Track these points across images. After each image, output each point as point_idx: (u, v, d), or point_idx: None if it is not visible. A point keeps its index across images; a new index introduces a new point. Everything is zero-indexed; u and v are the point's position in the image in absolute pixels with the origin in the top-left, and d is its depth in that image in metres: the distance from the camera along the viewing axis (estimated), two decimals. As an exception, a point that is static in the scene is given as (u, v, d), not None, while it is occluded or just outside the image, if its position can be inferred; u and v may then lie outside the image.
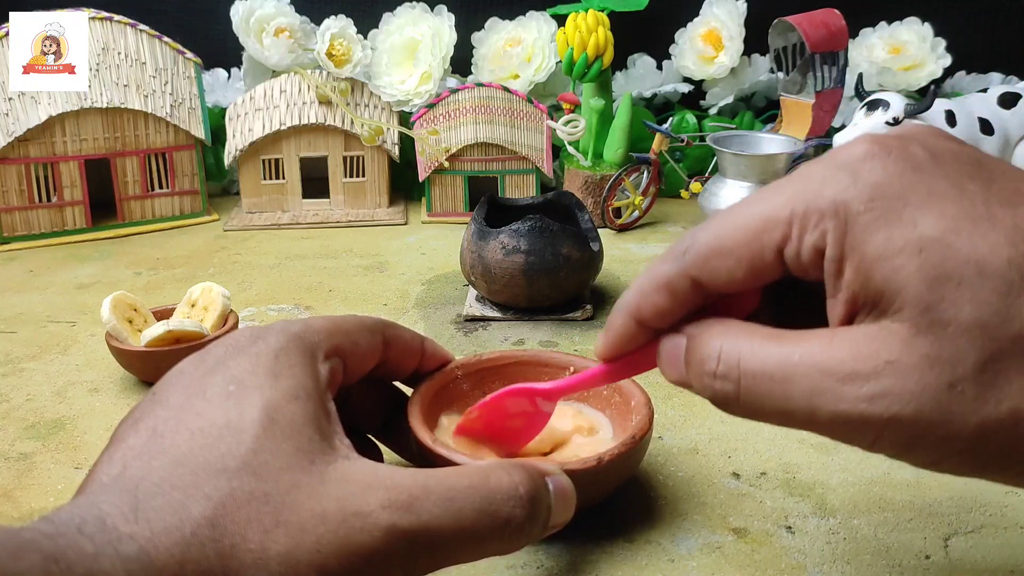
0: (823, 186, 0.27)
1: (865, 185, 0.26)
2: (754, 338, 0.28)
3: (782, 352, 0.27)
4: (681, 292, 0.30)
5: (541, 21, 0.94)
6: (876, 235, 0.26)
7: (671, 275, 0.30)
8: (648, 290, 0.31)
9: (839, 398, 0.26)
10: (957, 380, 0.24)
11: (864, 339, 0.26)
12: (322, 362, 0.34)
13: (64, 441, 0.50)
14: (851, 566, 0.39)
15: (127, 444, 0.30)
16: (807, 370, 0.26)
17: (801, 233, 0.27)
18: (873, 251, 0.26)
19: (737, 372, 0.28)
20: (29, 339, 0.63)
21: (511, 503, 0.31)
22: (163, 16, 0.95)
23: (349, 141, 0.89)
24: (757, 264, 0.28)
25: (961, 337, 0.24)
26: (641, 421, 0.42)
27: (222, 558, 0.27)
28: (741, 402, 0.28)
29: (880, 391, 0.25)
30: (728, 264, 0.29)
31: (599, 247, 0.66)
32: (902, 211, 0.26)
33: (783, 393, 0.27)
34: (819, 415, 0.26)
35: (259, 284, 0.73)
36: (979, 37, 1.04)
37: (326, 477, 0.29)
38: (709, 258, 0.29)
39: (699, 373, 0.30)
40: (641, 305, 0.31)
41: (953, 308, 0.24)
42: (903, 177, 0.26)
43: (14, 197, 0.81)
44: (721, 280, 0.29)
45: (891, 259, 0.25)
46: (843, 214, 0.26)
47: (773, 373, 0.27)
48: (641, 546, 0.41)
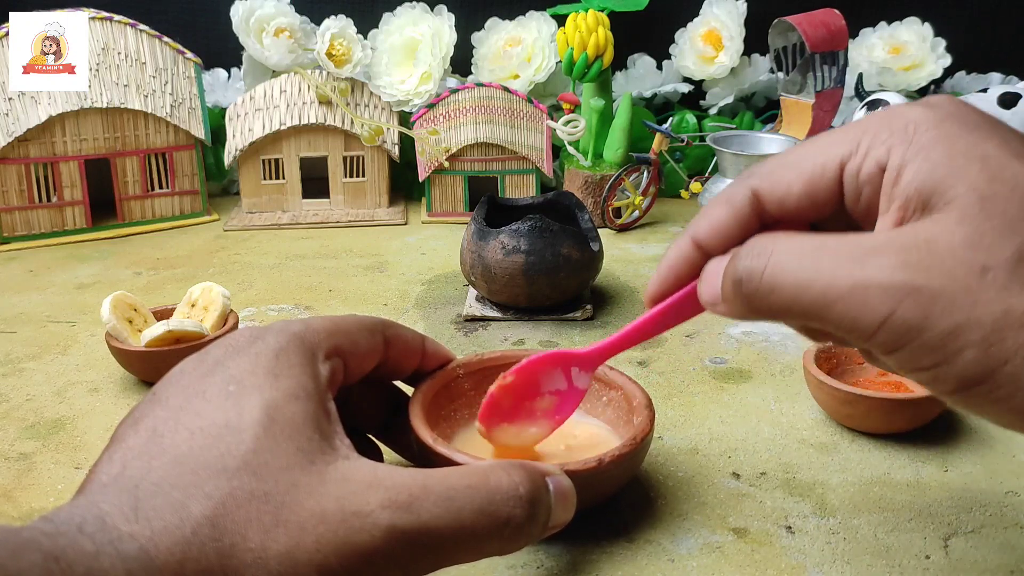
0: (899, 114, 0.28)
1: (938, 111, 0.28)
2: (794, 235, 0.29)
3: (819, 238, 0.28)
4: (739, 204, 0.31)
5: (541, 21, 0.94)
6: (943, 143, 0.27)
7: (734, 189, 0.31)
8: (708, 207, 0.32)
9: (864, 266, 0.26)
10: (991, 265, 0.25)
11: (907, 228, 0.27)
12: (322, 362, 0.34)
13: (64, 441, 0.50)
14: (851, 566, 0.39)
15: (127, 444, 0.30)
16: (840, 247, 0.27)
17: (868, 149, 0.28)
18: (937, 154, 0.27)
19: (770, 249, 0.28)
20: (29, 339, 0.63)
21: (511, 503, 0.31)
22: (163, 16, 0.95)
23: (349, 141, 0.89)
24: (816, 179, 0.29)
25: (1005, 228, 0.25)
26: (642, 422, 0.42)
27: (222, 557, 0.27)
28: (764, 277, 0.28)
29: (910, 261, 0.25)
30: (789, 176, 0.30)
31: (599, 247, 0.66)
32: (969, 134, 0.27)
33: (809, 265, 0.27)
34: (837, 283, 0.26)
35: (259, 284, 0.73)
36: (979, 37, 1.04)
37: (326, 477, 0.29)
38: (773, 170, 0.30)
39: (734, 262, 0.30)
40: (699, 223, 0.32)
41: (1003, 204, 0.25)
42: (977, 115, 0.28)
43: (14, 197, 0.81)
44: (779, 192, 0.30)
45: (954, 159, 0.26)
46: (913, 130, 0.28)
47: (804, 249, 0.28)
48: (641, 546, 0.41)
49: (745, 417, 0.52)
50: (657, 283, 0.34)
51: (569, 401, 0.41)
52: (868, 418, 0.48)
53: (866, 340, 0.26)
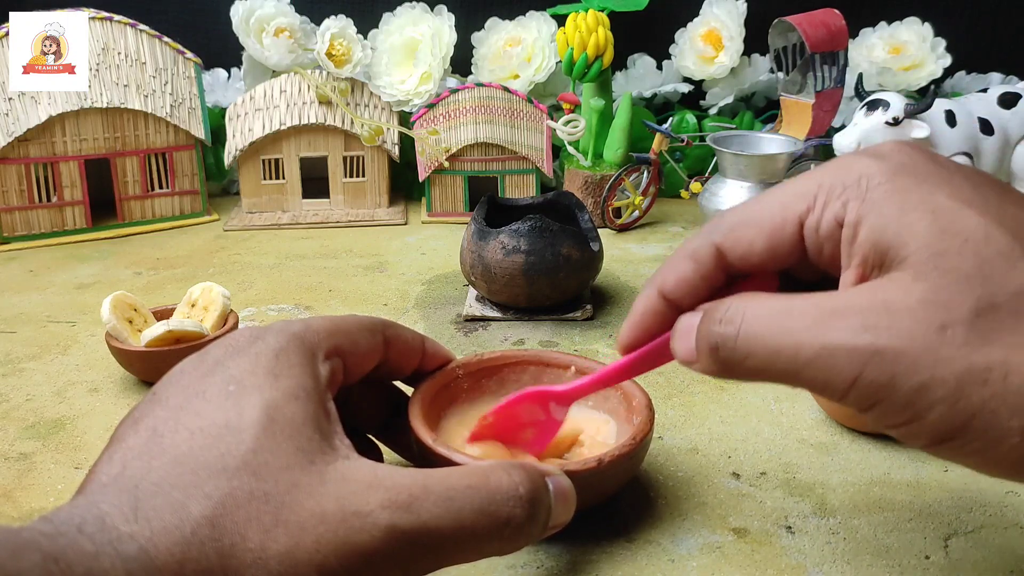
0: (851, 167, 0.29)
1: (890, 164, 0.28)
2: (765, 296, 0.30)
3: (787, 301, 0.29)
4: (704, 260, 0.31)
5: (541, 21, 0.94)
6: (894, 198, 0.27)
7: (696, 244, 0.32)
8: (673, 260, 0.32)
9: (829, 329, 0.27)
10: (950, 323, 0.25)
11: (866, 287, 0.27)
12: (322, 362, 0.34)
13: (64, 441, 0.50)
14: (851, 566, 0.39)
15: (127, 444, 0.30)
16: (806, 309, 0.28)
17: (824, 204, 0.29)
18: (889, 210, 0.27)
19: (741, 316, 0.29)
20: (29, 339, 0.63)
21: (511, 503, 0.31)
22: (163, 16, 0.95)
23: (349, 141, 0.89)
24: (777, 236, 0.30)
25: (960, 284, 0.25)
26: (642, 422, 0.42)
27: (222, 557, 0.27)
28: (738, 342, 0.29)
29: (870, 323, 0.26)
30: (750, 233, 0.30)
31: (599, 247, 0.66)
32: (921, 185, 0.27)
33: (778, 329, 0.28)
34: (805, 348, 0.27)
35: (259, 284, 0.73)
36: (979, 37, 1.04)
37: (326, 477, 0.29)
38: (735, 227, 0.31)
39: (707, 325, 0.30)
40: (665, 275, 0.32)
41: (957, 258, 0.26)
42: (927, 165, 0.28)
43: (14, 197, 0.81)
44: (741, 249, 0.31)
45: (904, 216, 0.27)
46: (865, 185, 0.28)
47: (773, 315, 0.28)
48: (641, 546, 0.41)
49: (745, 417, 0.52)
50: (629, 333, 0.34)
51: (548, 431, 0.42)
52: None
53: (840, 399, 0.27)
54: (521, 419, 0.41)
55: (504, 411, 0.41)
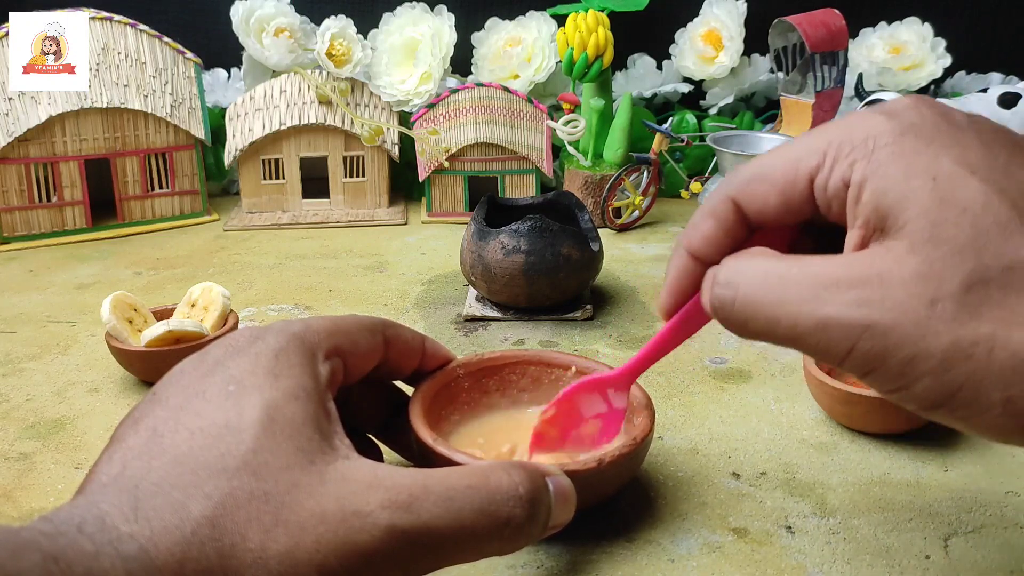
0: (861, 125, 0.29)
1: (899, 123, 0.28)
2: (764, 256, 0.30)
3: (782, 266, 0.29)
4: (724, 216, 0.32)
5: (541, 21, 0.94)
6: (897, 162, 0.27)
7: (716, 201, 0.32)
8: (696, 219, 0.33)
9: (824, 302, 0.27)
10: (940, 297, 0.25)
11: (863, 256, 0.27)
12: (322, 362, 0.34)
13: (64, 441, 0.50)
14: (851, 566, 0.39)
15: (127, 444, 0.30)
16: (800, 278, 0.28)
17: (833, 163, 0.29)
18: (892, 174, 0.27)
19: (739, 280, 0.29)
20: (29, 339, 0.63)
21: (511, 503, 0.31)
22: (163, 16, 0.95)
23: (349, 141, 0.89)
24: (790, 192, 0.30)
25: (953, 257, 0.25)
26: (642, 423, 0.42)
27: (222, 557, 0.27)
28: (736, 308, 0.29)
29: (864, 298, 0.26)
30: (764, 188, 0.31)
31: (599, 247, 0.66)
32: (927, 148, 0.27)
33: (775, 299, 0.28)
34: (802, 320, 0.27)
35: (259, 284, 0.73)
36: (979, 37, 1.04)
37: (326, 477, 0.29)
38: (749, 182, 0.31)
39: (710, 285, 0.31)
40: (690, 235, 0.33)
41: (953, 229, 0.26)
42: (936, 125, 0.28)
43: (14, 197, 0.81)
44: (757, 204, 0.31)
45: (906, 181, 0.27)
46: (871, 145, 0.28)
47: (770, 282, 0.29)
48: (641, 546, 0.41)
49: (745, 417, 0.52)
50: (667, 297, 0.35)
51: (613, 421, 0.42)
52: (868, 418, 0.48)
53: (839, 366, 0.28)
54: (582, 413, 0.41)
55: (563, 404, 0.41)
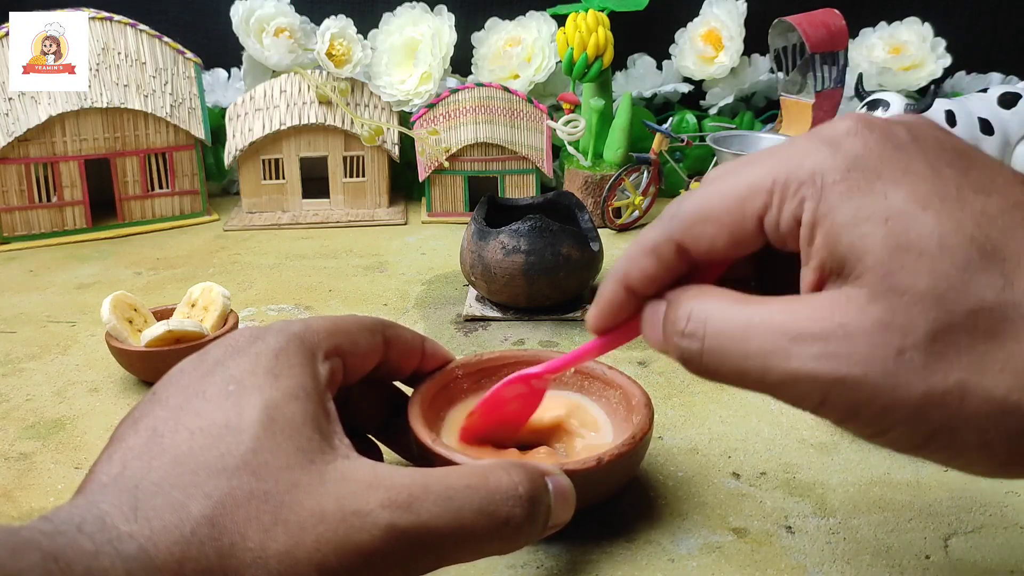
0: (804, 157, 0.28)
1: (844, 157, 0.27)
2: (723, 301, 0.29)
3: (745, 314, 0.28)
4: (666, 256, 0.31)
5: (541, 21, 0.94)
6: (847, 203, 0.26)
7: (657, 240, 0.31)
8: (636, 255, 0.32)
9: (789, 356, 0.26)
10: (906, 347, 0.25)
11: (823, 303, 0.26)
12: (322, 362, 0.34)
13: (64, 441, 0.50)
14: (851, 566, 0.39)
15: (127, 444, 0.30)
16: (764, 330, 0.27)
17: (781, 202, 0.28)
18: (842, 218, 0.26)
19: (703, 331, 0.29)
20: (29, 339, 0.63)
21: (510, 503, 0.31)
22: (163, 16, 0.95)
23: (349, 141, 0.89)
24: (738, 232, 0.29)
25: (915, 306, 0.25)
26: (641, 421, 0.42)
27: (221, 557, 0.27)
28: (704, 360, 0.29)
29: (829, 351, 0.26)
30: (711, 231, 0.29)
31: (599, 247, 0.66)
32: (875, 183, 0.26)
33: (741, 352, 0.27)
34: (770, 374, 0.27)
35: (259, 284, 0.73)
36: (979, 37, 1.04)
37: (325, 476, 0.29)
38: (694, 224, 0.30)
39: (671, 333, 0.30)
40: (629, 270, 0.32)
41: (911, 277, 0.25)
42: (882, 153, 0.27)
43: (14, 197, 0.81)
44: (704, 246, 0.30)
45: (858, 226, 0.26)
46: (819, 183, 0.27)
47: (734, 333, 0.28)
48: (641, 546, 0.41)
49: (745, 417, 0.52)
50: (598, 320, 0.34)
51: (532, 400, 0.43)
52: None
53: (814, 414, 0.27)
54: (504, 397, 0.42)
55: (487, 402, 0.42)
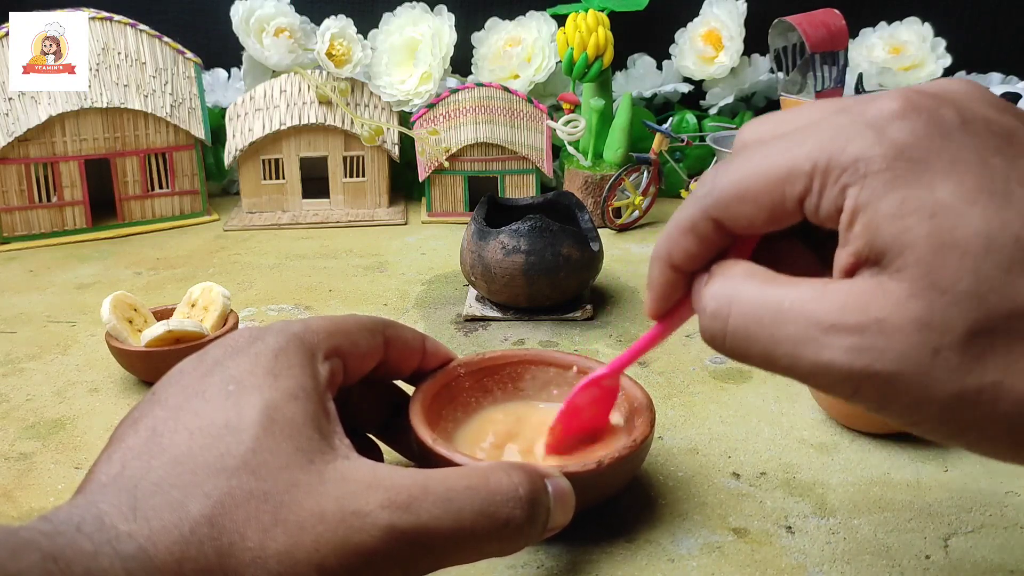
0: (848, 141, 0.27)
1: (890, 145, 0.26)
2: (752, 281, 0.28)
3: (774, 296, 0.27)
4: (705, 234, 0.30)
5: (541, 21, 0.94)
6: (892, 194, 0.26)
7: (695, 218, 0.30)
8: (675, 235, 0.31)
9: (821, 347, 0.26)
10: (943, 347, 0.24)
11: (858, 293, 0.26)
12: (322, 362, 0.34)
13: (64, 441, 0.50)
14: (851, 566, 0.39)
15: (126, 444, 0.30)
16: (795, 317, 0.27)
17: (822, 188, 0.27)
18: (886, 208, 0.26)
19: (727, 311, 0.28)
20: (29, 339, 0.63)
21: (510, 504, 0.31)
22: (163, 16, 0.95)
23: (349, 141, 0.89)
24: (778, 212, 0.28)
25: (956, 306, 0.24)
26: (642, 424, 0.42)
27: (221, 556, 0.27)
28: (727, 342, 0.28)
29: (864, 345, 0.25)
30: (749, 210, 0.29)
31: (599, 247, 0.66)
32: (922, 174, 0.26)
33: (769, 337, 0.27)
34: (801, 363, 0.26)
35: (259, 284, 0.73)
36: (979, 37, 1.04)
37: (325, 476, 0.29)
38: (731, 202, 0.29)
39: (699, 311, 0.30)
40: (671, 250, 0.32)
41: (953, 276, 0.24)
42: (929, 141, 0.26)
43: (14, 197, 0.81)
44: (743, 224, 0.29)
45: (902, 218, 0.25)
46: (863, 171, 0.26)
47: (761, 317, 0.27)
48: (641, 546, 0.41)
49: (745, 417, 0.52)
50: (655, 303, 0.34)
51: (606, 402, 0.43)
52: (868, 418, 0.48)
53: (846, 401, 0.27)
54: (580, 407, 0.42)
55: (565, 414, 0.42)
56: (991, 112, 0.27)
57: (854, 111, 0.28)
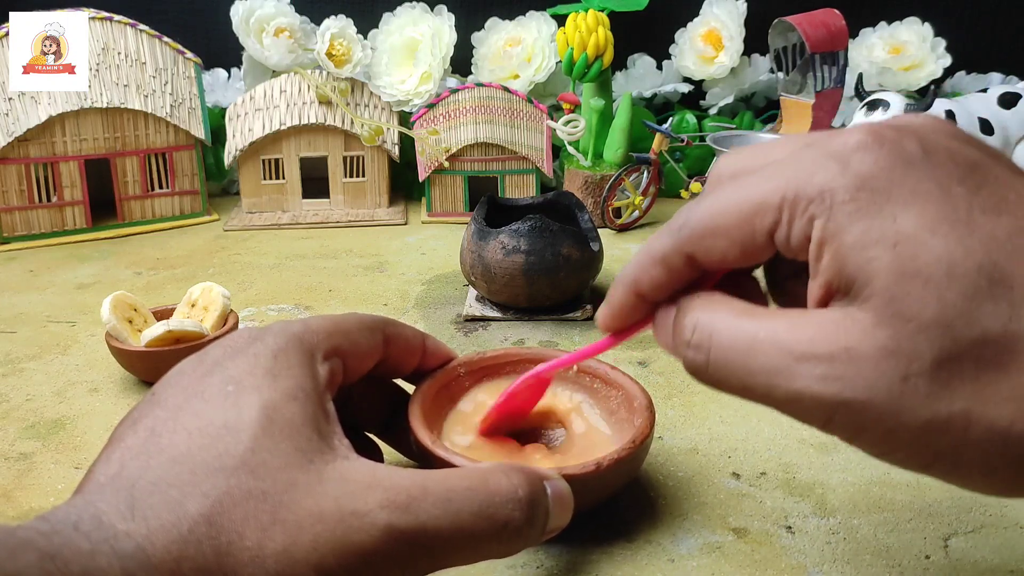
0: (813, 173, 0.27)
1: (853, 176, 0.27)
2: (730, 313, 0.29)
3: (751, 328, 0.28)
4: (676, 267, 0.31)
5: (541, 21, 0.94)
6: (856, 224, 0.26)
7: (667, 250, 0.31)
8: (646, 264, 0.32)
9: (794, 376, 0.26)
10: (911, 374, 0.25)
11: (828, 323, 0.26)
12: (321, 363, 0.34)
13: (64, 441, 0.50)
14: (851, 566, 0.39)
15: (125, 444, 0.30)
16: (769, 347, 0.27)
17: (791, 219, 0.27)
18: (851, 239, 0.26)
19: (708, 344, 0.29)
20: (29, 339, 0.63)
21: (510, 506, 0.31)
22: (163, 16, 0.95)
23: (349, 141, 0.89)
24: (749, 246, 0.29)
25: (921, 333, 0.25)
26: (642, 425, 0.41)
27: (219, 556, 0.27)
28: (709, 372, 0.29)
29: (834, 373, 0.25)
30: (721, 244, 0.29)
31: (599, 247, 0.66)
32: (884, 205, 0.26)
33: (745, 367, 0.27)
34: (776, 392, 0.27)
35: (259, 284, 0.73)
36: (979, 37, 1.04)
37: (324, 476, 0.29)
38: (704, 237, 0.30)
39: (678, 341, 0.30)
40: (639, 279, 0.32)
41: (918, 304, 0.25)
42: (892, 172, 0.26)
43: (14, 197, 0.81)
44: (715, 258, 0.30)
45: (866, 249, 0.26)
46: (829, 202, 0.27)
47: (739, 347, 0.28)
48: (641, 546, 0.41)
49: (745, 417, 0.52)
50: (609, 321, 0.34)
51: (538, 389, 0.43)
52: (868, 418, 0.48)
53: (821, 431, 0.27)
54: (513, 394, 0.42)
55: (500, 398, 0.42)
56: (954, 143, 0.27)
57: (820, 145, 0.28)
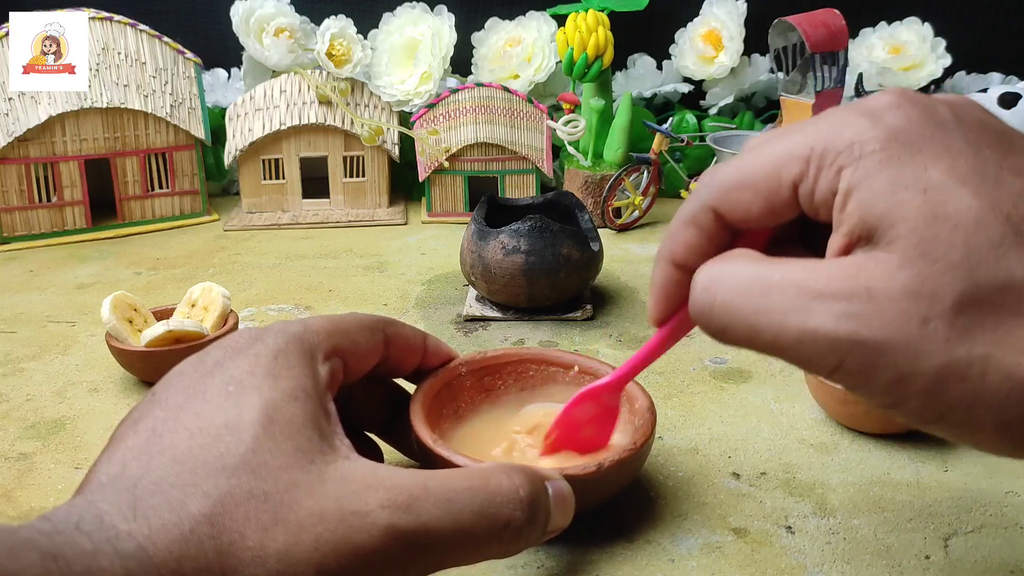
0: (844, 128, 0.27)
1: (884, 128, 0.27)
2: (743, 260, 0.29)
3: (765, 271, 0.28)
4: (706, 225, 0.31)
5: (541, 21, 0.94)
6: (885, 171, 0.26)
7: (695, 209, 0.31)
8: (676, 229, 0.32)
9: (809, 314, 0.26)
10: (932, 316, 0.24)
11: (850, 266, 0.26)
12: (321, 363, 0.34)
13: (64, 441, 0.50)
14: (851, 566, 0.39)
15: (126, 444, 0.30)
16: (784, 287, 0.27)
17: (817, 171, 0.28)
18: (880, 184, 0.26)
19: (718, 285, 0.28)
20: (29, 339, 0.63)
21: (511, 506, 0.31)
22: (163, 16, 0.95)
23: (349, 141, 0.89)
24: (774, 199, 0.29)
25: (946, 275, 0.24)
26: (643, 427, 0.42)
27: (220, 555, 0.27)
28: (715, 314, 0.28)
29: (853, 311, 0.25)
30: (746, 197, 0.29)
31: (599, 247, 0.66)
32: (915, 156, 0.26)
33: (756, 306, 0.27)
34: (786, 332, 0.26)
35: (259, 284, 0.73)
36: (979, 37, 1.04)
37: (325, 476, 0.29)
38: (729, 190, 0.30)
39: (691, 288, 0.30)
40: (673, 245, 0.32)
41: (944, 247, 0.25)
42: (923, 129, 0.27)
43: (14, 197, 0.81)
44: (740, 213, 0.30)
45: (895, 193, 0.26)
46: (859, 152, 0.27)
47: (752, 289, 0.27)
48: (641, 546, 0.41)
49: (745, 417, 0.52)
50: (656, 307, 0.34)
51: (608, 421, 0.43)
52: (868, 418, 0.48)
53: (825, 378, 0.27)
54: (579, 421, 0.42)
55: (563, 422, 0.42)
56: (984, 115, 0.28)
57: (852, 106, 0.28)
